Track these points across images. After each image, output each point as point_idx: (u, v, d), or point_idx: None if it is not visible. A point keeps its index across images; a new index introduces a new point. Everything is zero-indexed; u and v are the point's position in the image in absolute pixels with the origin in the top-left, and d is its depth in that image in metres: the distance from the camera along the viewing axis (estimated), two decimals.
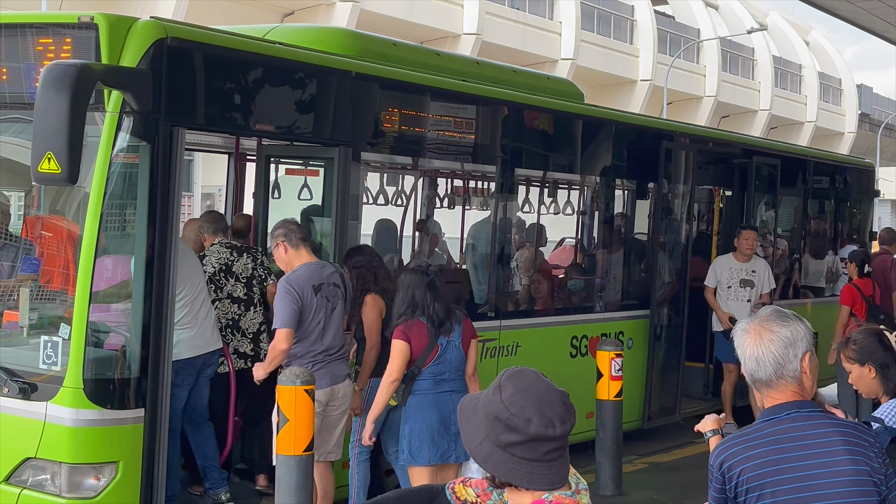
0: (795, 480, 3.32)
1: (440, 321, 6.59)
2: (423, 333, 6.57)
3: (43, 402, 6.07)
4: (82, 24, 6.10)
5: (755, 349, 3.45)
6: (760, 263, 11.54)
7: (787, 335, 3.44)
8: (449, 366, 6.63)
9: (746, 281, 11.35)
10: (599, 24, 46.75)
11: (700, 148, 11.84)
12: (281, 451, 6.52)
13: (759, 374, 3.46)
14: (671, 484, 9.37)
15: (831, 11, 16.41)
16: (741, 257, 11.39)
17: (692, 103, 51.23)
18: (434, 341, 6.58)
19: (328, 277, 6.99)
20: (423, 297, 6.58)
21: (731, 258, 11.49)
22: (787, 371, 3.43)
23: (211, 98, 6.87)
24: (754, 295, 11.31)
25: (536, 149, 9.97)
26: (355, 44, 8.46)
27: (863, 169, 16.00)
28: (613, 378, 8.90)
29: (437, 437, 6.52)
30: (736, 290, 11.36)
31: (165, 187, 6.27)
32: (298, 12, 34.31)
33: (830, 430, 3.40)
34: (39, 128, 5.54)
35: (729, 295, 11.37)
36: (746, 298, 11.28)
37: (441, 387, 6.60)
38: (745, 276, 11.35)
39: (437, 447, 6.52)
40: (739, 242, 11.43)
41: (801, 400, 3.45)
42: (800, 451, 3.35)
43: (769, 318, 3.49)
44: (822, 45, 68.63)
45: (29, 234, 7.14)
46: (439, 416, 6.54)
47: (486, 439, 2.72)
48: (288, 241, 6.95)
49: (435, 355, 6.58)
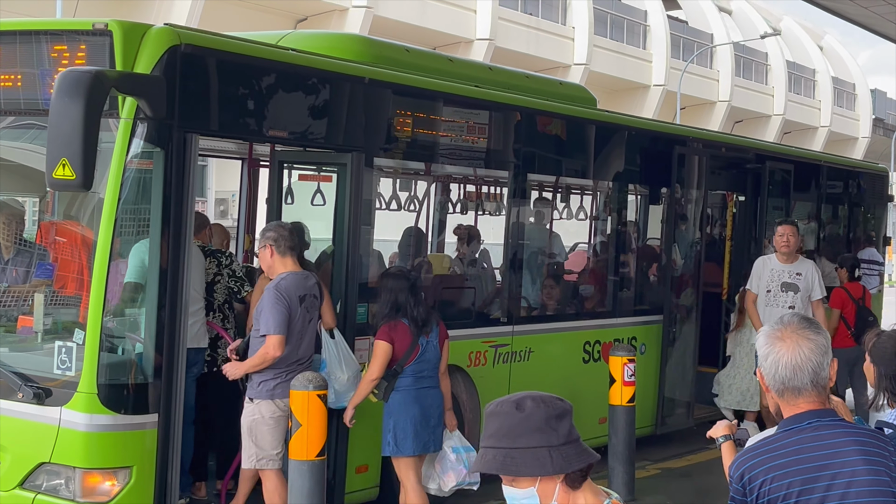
0: (815, 491, 3.29)
1: (423, 322, 7.02)
2: (406, 334, 6.98)
3: (57, 408, 6.10)
4: (96, 31, 6.13)
5: (793, 357, 3.40)
6: (807, 265, 10.37)
7: (822, 343, 3.42)
8: (428, 364, 7.08)
9: (789, 284, 10.21)
10: (612, 29, 46.68)
11: (713, 153, 11.83)
12: (294, 456, 6.55)
13: (794, 382, 3.40)
14: (684, 490, 9.37)
15: (844, 16, 16.36)
16: (782, 258, 10.22)
17: (705, 108, 51.11)
18: (416, 341, 6.99)
19: (310, 289, 7.02)
20: (406, 299, 6.98)
21: (772, 258, 10.38)
22: (820, 379, 3.41)
23: (224, 104, 6.89)
24: (799, 301, 10.10)
25: (549, 154, 9.98)
26: (368, 50, 8.47)
27: (877, 174, 15.95)
28: (626, 383, 8.89)
29: (419, 429, 7.00)
30: (776, 294, 10.21)
31: (179, 193, 6.30)
32: (312, 18, 34.35)
33: (849, 440, 3.37)
34: (54, 134, 5.58)
35: (768, 300, 10.23)
36: (789, 304, 10.08)
37: (421, 383, 7.05)
38: (787, 279, 10.22)
39: (419, 439, 7.01)
40: (775, 240, 10.31)
41: (821, 409, 3.43)
42: (820, 462, 3.32)
43: (801, 325, 3.45)
44: (835, 49, 68.43)
45: (43, 240, 7.18)
46: (421, 410, 7.01)
47: (558, 453, 2.92)
48: (276, 247, 6.94)
49: (416, 354, 7.01)
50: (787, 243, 10.14)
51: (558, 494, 2.98)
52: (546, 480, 2.96)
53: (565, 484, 2.98)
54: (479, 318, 9.02)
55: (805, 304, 10.12)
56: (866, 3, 15.06)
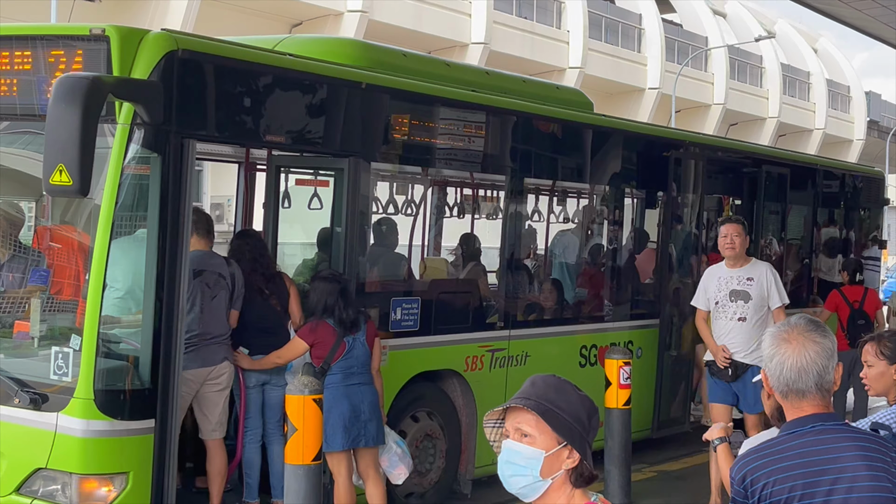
0: (817, 495, 3.29)
1: (351, 322, 7.21)
2: (330, 334, 7.19)
3: (54, 413, 6.09)
4: (93, 37, 6.13)
5: (799, 359, 3.39)
6: (760, 269, 8.86)
7: (829, 346, 3.42)
8: (356, 360, 7.23)
9: (738, 292, 8.74)
10: (607, 32, 46.71)
11: (709, 157, 11.85)
12: (290, 460, 6.55)
13: (798, 385, 3.40)
14: (680, 492, 9.37)
15: (839, 19, 16.40)
16: (730, 262, 8.82)
17: (700, 111, 51.16)
18: (340, 340, 7.18)
19: (214, 266, 7.39)
20: (335, 301, 7.17)
21: (721, 266, 9.00)
22: (825, 382, 3.40)
23: (221, 109, 6.89)
24: (751, 311, 8.68)
25: (546, 158, 9.98)
26: (365, 54, 8.48)
27: (872, 177, 15.98)
28: (622, 386, 8.89)
29: (348, 424, 7.11)
30: (724, 304, 8.78)
31: (176, 198, 6.29)
32: (307, 22, 34.34)
33: (852, 445, 3.36)
34: (51, 140, 5.57)
35: (716, 312, 8.86)
36: (738, 316, 8.73)
37: (350, 380, 7.19)
38: (736, 286, 8.76)
39: (349, 434, 7.13)
40: (719, 242, 8.93)
41: (824, 413, 3.43)
42: (822, 466, 3.31)
43: (808, 327, 3.45)
44: (830, 52, 68.50)
45: (39, 245, 7.16)
46: (350, 406, 7.13)
47: (585, 441, 2.98)
48: (196, 229, 7.20)
49: (343, 352, 7.18)
50: (731, 245, 8.70)
51: (558, 478, 2.96)
52: (556, 456, 2.95)
53: (570, 474, 2.96)
54: (475, 322, 9.02)
55: (760, 314, 8.72)
56: (860, 6, 15.10)
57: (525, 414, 2.95)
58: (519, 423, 2.97)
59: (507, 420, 3.01)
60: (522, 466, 2.95)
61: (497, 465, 3.03)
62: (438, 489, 8.48)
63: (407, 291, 8.63)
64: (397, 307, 8.07)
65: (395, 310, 8.04)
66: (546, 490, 2.95)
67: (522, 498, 3.00)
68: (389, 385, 7.77)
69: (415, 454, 8.20)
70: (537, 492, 2.96)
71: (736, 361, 8.79)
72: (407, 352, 8.12)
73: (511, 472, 2.97)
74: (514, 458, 2.97)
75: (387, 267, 8.97)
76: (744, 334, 8.76)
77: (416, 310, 8.22)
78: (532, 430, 2.94)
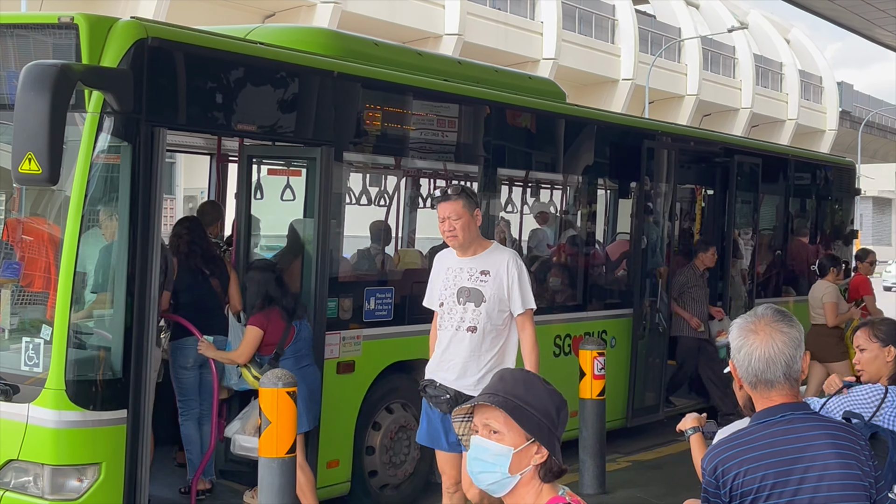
0: (789, 484, 3.30)
1: (292, 309, 7.33)
2: (280, 319, 7.30)
3: (25, 404, 6.05)
4: (62, 25, 6.08)
5: (766, 350, 3.40)
6: (500, 258, 6.34)
7: (796, 336, 3.42)
8: (305, 343, 7.38)
9: (469, 291, 6.29)
10: (581, 23, 46.80)
11: (682, 147, 11.86)
12: (264, 453, 6.51)
13: (766, 375, 3.41)
14: (655, 482, 9.39)
15: (811, 10, 16.45)
16: (458, 250, 6.38)
17: (674, 102, 51.35)
18: (289, 325, 7.29)
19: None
20: (274, 290, 7.31)
21: (450, 253, 6.48)
22: (793, 372, 3.41)
23: (192, 98, 6.85)
24: (484, 319, 6.24)
25: (519, 148, 9.98)
26: (337, 44, 8.44)
27: (843, 167, 16.07)
28: (596, 377, 8.91)
29: (309, 405, 7.25)
30: (451, 307, 6.36)
31: (147, 187, 6.26)
32: (280, 13, 34.24)
33: (822, 433, 3.37)
34: (20, 128, 5.53)
35: (440, 319, 6.48)
36: (467, 326, 6.29)
37: (301, 362, 7.31)
38: (466, 283, 6.30)
39: (311, 413, 7.30)
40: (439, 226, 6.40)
41: (794, 402, 3.43)
42: (793, 455, 3.32)
43: (775, 317, 3.45)
44: (802, 43, 68.84)
45: (10, 238, 7.10)
46: (307, 387, 7.23)
47: (554, 437, 2.98)
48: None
49: (293, 336, 7.30)
50: (451, 232, 6.22)
51: (526, 473, 2.96)
52: (525, 452, 2.95)
53: (539, 469, 2.97)
54: None
55: (498, 322, 6.31)
56: None
57: (493, 411, 2.96)
58: (487, 420, 2.98)
59: (476, 416, 3.02)
60: (491, 463, 2.96)
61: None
62: (413, 480, 8.47)
63: (381, 281, 8.60)
64: (371, 297, 8.05)
65: (368, 300, 8.02)
66: (515, 486, 2.97)
67: (491, 493, 3.02)
68: (362, 376, 7.76)
69: (389, 446, 8.19)
70: (506, 488, 2.97)
71: (451, 390, 6.35)
72: (381, 342, 8.10)
73: (480, 469, 2.99)
74: (483, 455, 2.98)
75: (360, 257, 8.94)
76: (466, 352, 6.30)
77: (389, 300, 8.20)
78: (500, 426, 2.95)
